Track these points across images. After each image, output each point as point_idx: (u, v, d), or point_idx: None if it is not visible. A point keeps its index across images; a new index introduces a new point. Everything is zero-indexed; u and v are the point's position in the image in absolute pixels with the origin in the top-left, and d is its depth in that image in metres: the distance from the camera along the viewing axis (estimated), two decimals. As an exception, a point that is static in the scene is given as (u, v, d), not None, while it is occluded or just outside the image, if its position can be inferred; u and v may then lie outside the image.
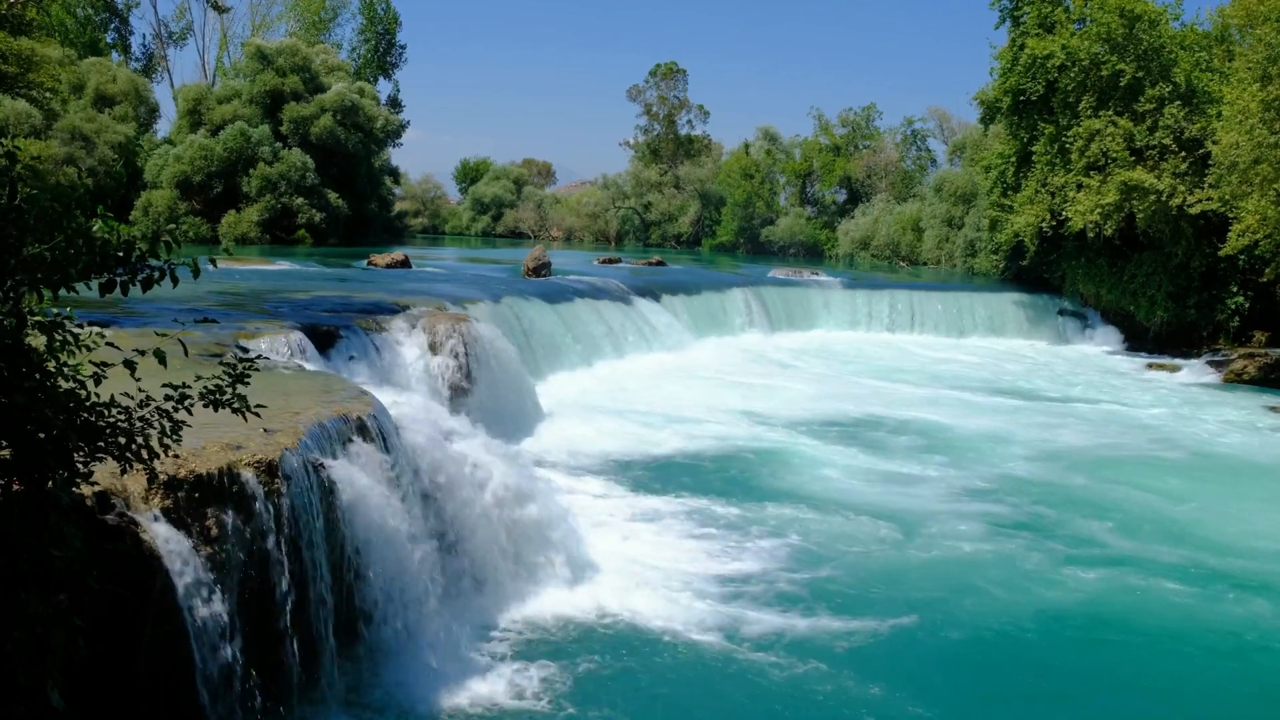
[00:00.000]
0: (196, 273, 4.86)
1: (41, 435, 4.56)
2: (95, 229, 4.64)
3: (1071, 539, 12.60)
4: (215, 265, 5.40)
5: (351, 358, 14.38)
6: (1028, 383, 25.59)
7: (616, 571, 10.53)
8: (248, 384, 5.52)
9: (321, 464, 7.77)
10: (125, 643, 5.83)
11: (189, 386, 5.31)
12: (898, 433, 18.56)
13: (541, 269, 29.44)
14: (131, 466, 5.07)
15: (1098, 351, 32.67)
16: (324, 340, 14.32)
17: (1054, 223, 32.66)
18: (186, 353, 5.80)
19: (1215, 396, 24.87)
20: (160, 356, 4.94)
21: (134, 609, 5.84)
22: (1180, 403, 23.47)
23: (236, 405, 5.44)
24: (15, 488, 4.57)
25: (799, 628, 9.53)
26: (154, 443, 5.13)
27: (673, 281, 32.14)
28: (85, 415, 4.77)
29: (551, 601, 9.74)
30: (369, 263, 30.69)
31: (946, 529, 12.77)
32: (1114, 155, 30.71)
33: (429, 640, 8.33)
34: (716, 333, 29.57)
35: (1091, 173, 31.35)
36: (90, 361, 4.90)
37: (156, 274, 4.76)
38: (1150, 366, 29.35)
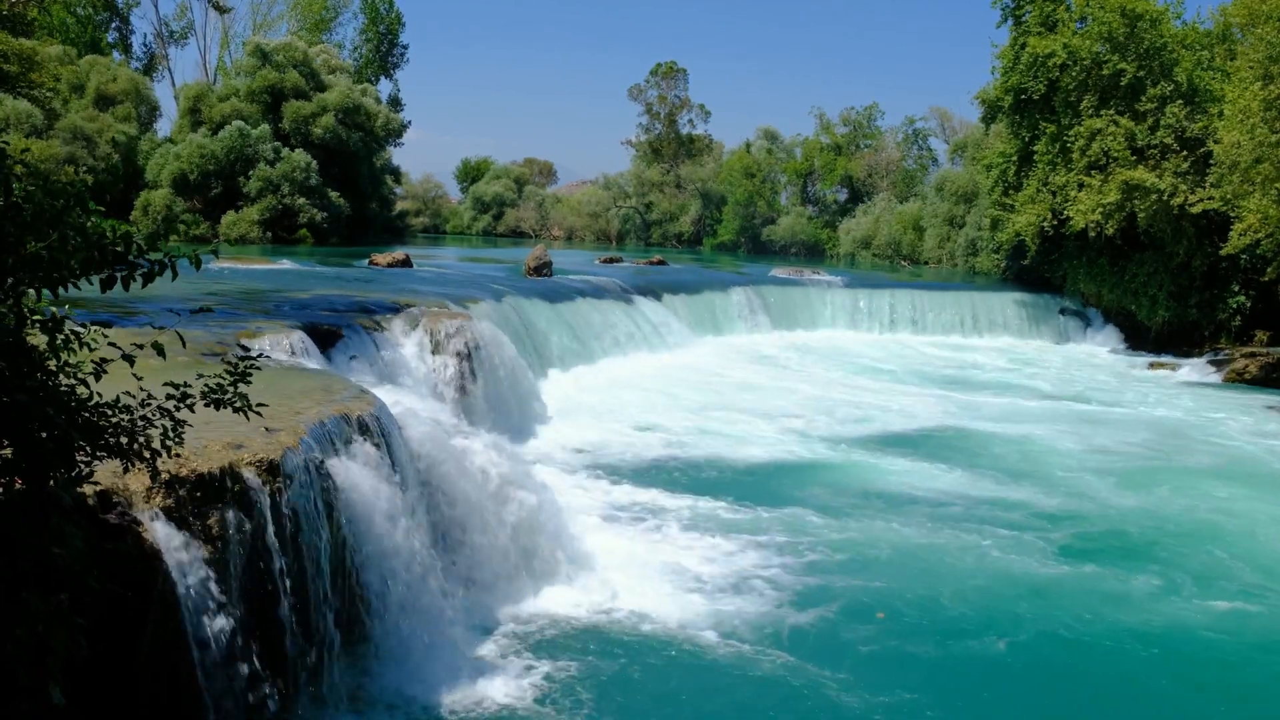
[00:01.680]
0: (198, 265, 4.86)
1: (43, 435, 4.55)
2: (92, 225, 4.63)
3: (1130, 551, 12.18)
4: (217, 256, 5.39)
5: (353, 357, 14.36)
6: (1034, 383, 25.49)
7: (619, 571, 10.50)
8: (249, 383, 5.51)
9: (323, 463, 7.76)
10: (126, 642, 5.82)
11: (190, 386, 5.31)
12: (896, 428, 18.55)
13: (543, 268, 29.42)
14: (133, 466, 5.06)
15: (1099, 351, 32.67)
16: (325, 339, 14.30)
17: (1055, 222, 32.66)
18: (184, 345, 5.79)
19: (1220, 397, 24.82)
20: (159, 349, 4.94)
21: (135, 608, 5.83)
22: (1193, 404, 23.32)
23: (239, 405, 5.43)
24: (17, 486, 4.56)
25: (807, 631, 9.49)
26: (156, 442, 5.12)
27: (674, 281, 32.13)
28: (87, 414, 4.76)
29: (553, 600, 9.73)
30: (370, 262, 30.68)
31: (952, 532, 12.74)
32: (1115, 154, 30.71)
33: (431, 638, 8.32)
34: (718, 332, 29.59)
35: (1093, 172, 31.35)
36: (91, 361, 4.89)
37: (156, 268, 4.76)
38: (1152, 366, 29.34)
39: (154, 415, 5.19)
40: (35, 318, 4.59)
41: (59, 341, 4.65)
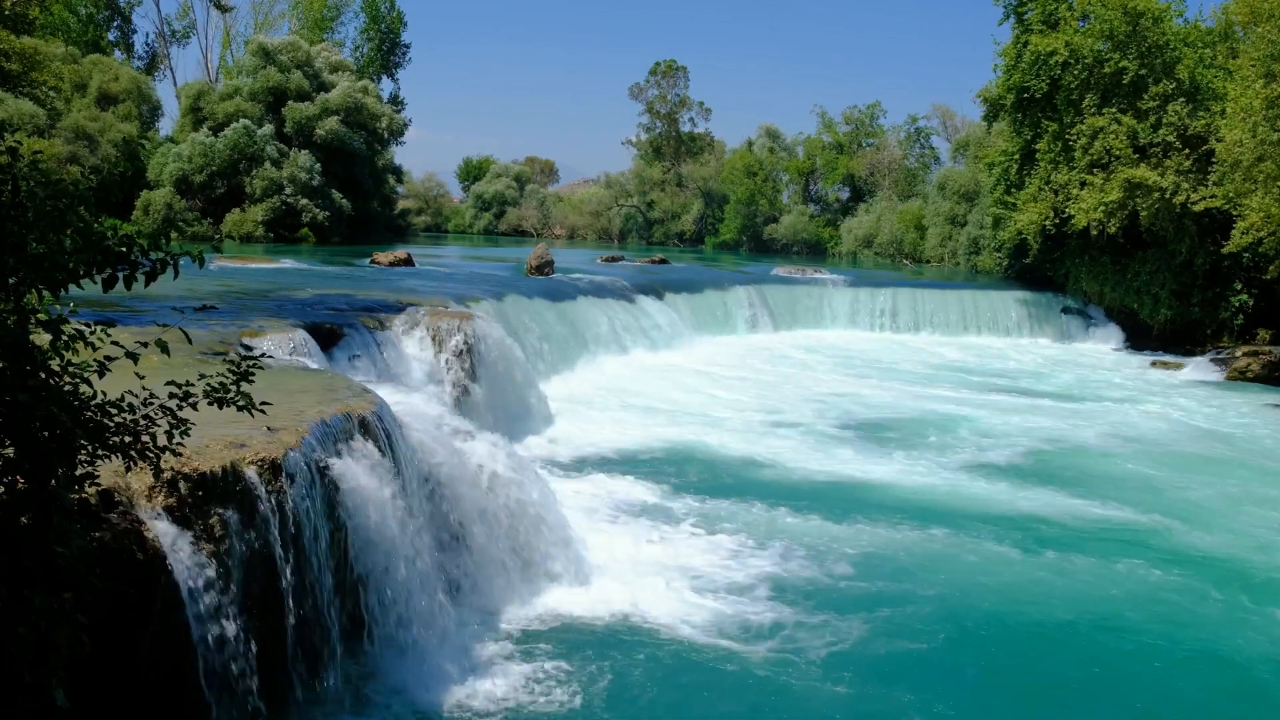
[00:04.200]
0: (201, 263, 4.86)
1: (45, 434, 4.55)
2: (96, 226, 4.64)
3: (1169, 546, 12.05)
4: (221, 251, 5.40)
5: (354, 356, 14.37)
6: (1049, 385, 25.24)
7: (622, 570, 10.50)
8: (252, 382, 5.52)
9: (324, 462, 7.76)
10: (128, 641, 5.83)
11: (193, 385, 5.31)
12: (901, 426, 18.53)
13: (544, 267, 29.43)
14: (136, 465, 5.06)
15: (1102, 349, 32.65)
16: (327, 338, 14.32)
17: (1057, 220, 32.63)
18: (190, 342, 5.79)
19: (1225, 396, 24.78)
20: (163, 346, 4.95)
21: (137, 607, 5.84)
22: (1206, 405, 23.27)
23: (242, 403, 5.43)
24: (20, 485, 4.57)
25: (813, 631, 9.45)
26: (160, 440, 5.12)
27: (676, 280, 32.14)
28: (90, 414, 4.76)
29: (556, 600, 9.72)
30: (372, 261, 30.69)
31: (959, 542, 12.74)
32: (1117, 153, 30.68)
33: (433, 639, 8.32)
34: (720, 331, 29.59)
35: (1095, 170, 31.32)
36: (94, 359, 4.90)
37: (159, 266, 4.76)
38: (1154, 365, 29.32)
39: (156, 414, 5.19)
40: (38, 316, 4.60)
41: (61, 341, 4.65)
